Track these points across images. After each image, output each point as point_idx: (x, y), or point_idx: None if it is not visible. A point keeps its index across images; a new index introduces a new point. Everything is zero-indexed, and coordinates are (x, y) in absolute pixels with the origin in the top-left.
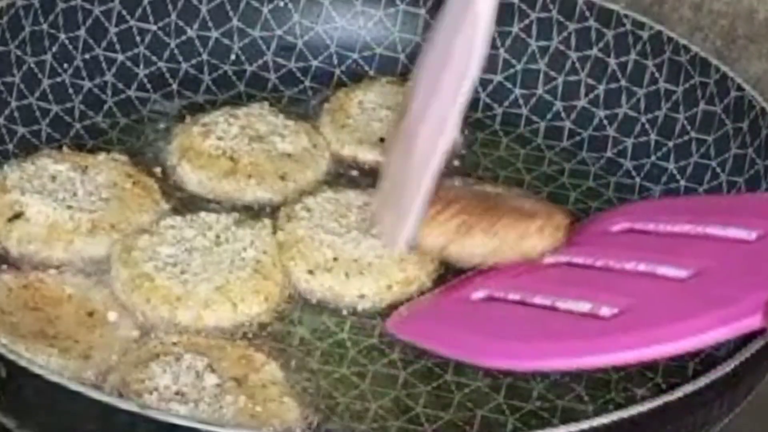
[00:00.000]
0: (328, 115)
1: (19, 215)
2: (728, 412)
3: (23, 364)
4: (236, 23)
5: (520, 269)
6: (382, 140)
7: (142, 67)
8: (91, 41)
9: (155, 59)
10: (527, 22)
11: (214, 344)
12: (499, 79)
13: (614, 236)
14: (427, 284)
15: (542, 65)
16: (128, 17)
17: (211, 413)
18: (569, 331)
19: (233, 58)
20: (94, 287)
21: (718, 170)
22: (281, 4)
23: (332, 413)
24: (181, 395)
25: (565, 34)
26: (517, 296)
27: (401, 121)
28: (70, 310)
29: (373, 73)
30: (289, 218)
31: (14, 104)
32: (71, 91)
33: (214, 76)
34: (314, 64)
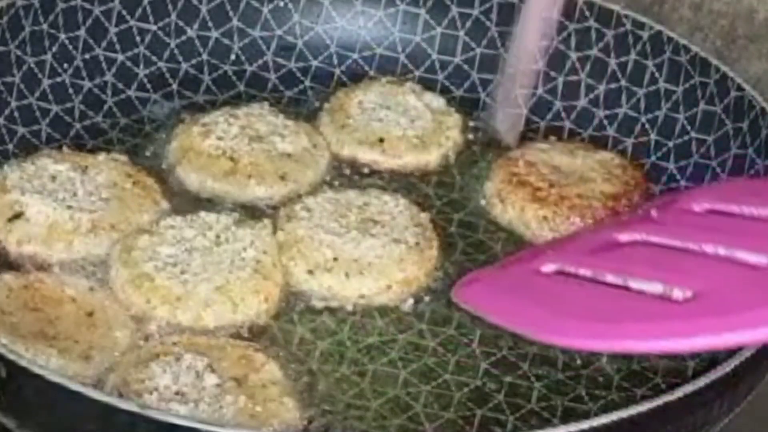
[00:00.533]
0: (328, 115)
1: (19, 215)
2: (728, 412)
3: (23, 364)
4: (236, 23)
5: (594, 244)
6: (381, 140)
7: (142, 67)
8: (91, 41)
9: (155, 59)
10: None
11: (214, 344)
12: (499, 78)
13: (695, 216)
14: (427, 284)
15: (542, 65)
16: (128, 17)
17: (211, 413)
18: (637, 313)
19: (233, 58)
20: (94, 287)
21: (718, 170)
22: (281, 4)
23: (332, 413)
24: (181, 395)
25: (565, 34)
26: (588, 272)
27: None
28: (70, 310)
29: (373, 73)
30: (289, 218)
31: (14, 104)
32: (71, 91)
33: (214, 76)
34: (314, 64)
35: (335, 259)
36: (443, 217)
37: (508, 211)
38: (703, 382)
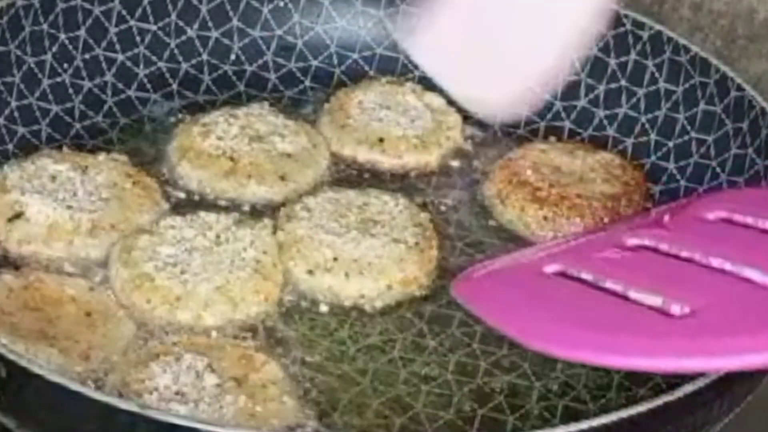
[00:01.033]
0: (328, 115)
1: (19, 215)
2: (728, 412)
3: (23, 364)
4: (236, 23)
5: (600, 246)
6: (381, 140)
7: (142, 67)
8: (91, 41)
9: (155, 59)
10: None
11: (214, 344)
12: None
13: (708, 225)
14: (427, 284)
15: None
16: (128, 17)
17: (211, 413)
18: (631, 326)
19: (233, 58)
20: (94, 287)
21: (718, 170)
22: (281, 4)
23: (332, 413)
24: (181, 395)
25: None
26: (590, 276)
27: None
28: (70, 310)
29: (373, 73)
30: (289, 218)
31: (14, 104)
32: (71, 91)
33: (214, 76)
34: (314, 64)
35: (335, 259)
36: (443, 217)
37: (508, 211)
38: (703, 382)
